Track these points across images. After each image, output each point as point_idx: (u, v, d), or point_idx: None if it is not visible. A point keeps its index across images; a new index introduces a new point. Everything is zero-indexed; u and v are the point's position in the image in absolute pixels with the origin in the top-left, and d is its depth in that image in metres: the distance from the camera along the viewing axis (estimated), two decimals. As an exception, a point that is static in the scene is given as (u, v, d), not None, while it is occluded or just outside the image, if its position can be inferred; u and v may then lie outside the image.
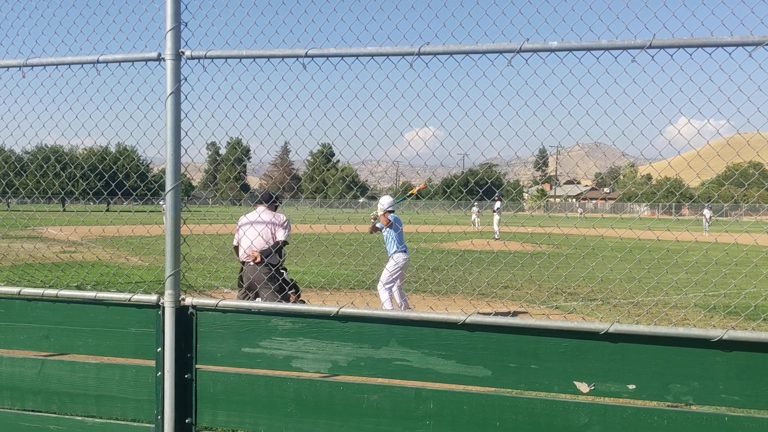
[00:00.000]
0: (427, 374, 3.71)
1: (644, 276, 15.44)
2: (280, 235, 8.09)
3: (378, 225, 10.52)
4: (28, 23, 4.67)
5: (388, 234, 10.43)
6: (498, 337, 3.62)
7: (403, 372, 3.75)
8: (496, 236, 30.79)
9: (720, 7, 3.46)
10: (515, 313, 11.06)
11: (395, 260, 10.31)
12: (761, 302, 12.31)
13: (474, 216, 42.80)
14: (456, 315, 3.66)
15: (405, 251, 10.44)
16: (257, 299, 7.99)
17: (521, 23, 3.60)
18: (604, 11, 3.46)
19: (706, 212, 42.89)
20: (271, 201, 8.43)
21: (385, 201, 10.44)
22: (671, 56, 3.48)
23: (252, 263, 8.00)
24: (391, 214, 10.30)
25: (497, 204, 32.67)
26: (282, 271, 8.17)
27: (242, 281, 8.22)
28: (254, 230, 8.06)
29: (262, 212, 8.30)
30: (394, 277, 10.30)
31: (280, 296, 7.76)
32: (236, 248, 8.41)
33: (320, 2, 3.92)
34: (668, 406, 3.52)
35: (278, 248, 8.07)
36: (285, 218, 8.27)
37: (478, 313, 3.75)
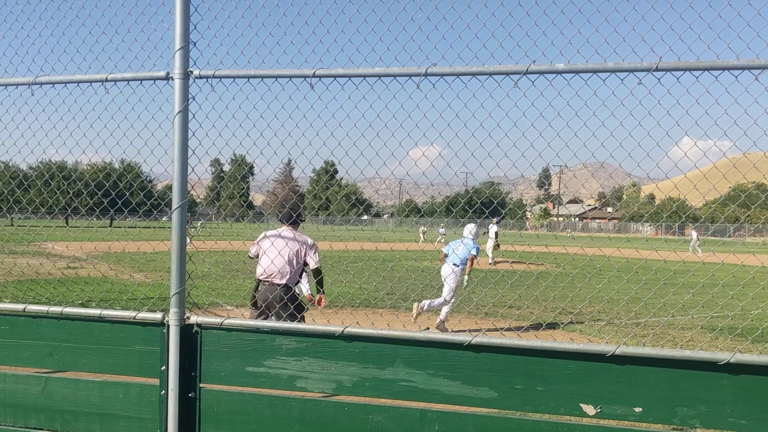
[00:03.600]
0: (432, 395, 3.69)
1: (650, 297, 15.37)
2: (312, 262, 7.74)
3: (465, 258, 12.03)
4: (38, 41, 4.72)
5: (454, 251, 11.97)
6: (504, 358, 3.60)
7: (408, 393, 3.73)
8: (490, 261, 29.25)
9: (726, 30, 3.47)
10: (529, 328, 11.01)
11: (456, 274, 11.82)
12: (768, 325, 12.23)
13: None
14: (461, 336, 3.64)
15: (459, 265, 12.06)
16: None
17: (528, 45, 3.62)
18: (611, 34, 3.47)
19: (694, 233, 43.46)
20: (294, 219, 8.04)
21: (472, 228, 12.34)
22: (677, 79, 3.49)
23: (271, 284, 7.61)
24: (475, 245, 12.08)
25: (494, 228, 30.78)
26: (296, 294, 7.82)
27: (257, 300, 7.77)
28: (277, 249, 7.61)
29: (286, 231, 7.92)
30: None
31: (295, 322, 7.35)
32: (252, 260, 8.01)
33: (328, 23, 3.95)
34: (674, 429, 3.50)
35: (302, 272, 7.75)
36: (312, 241, 7.90)
37: (484, 333, 3.73)
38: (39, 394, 4.29)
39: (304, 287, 9.63)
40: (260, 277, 7.71)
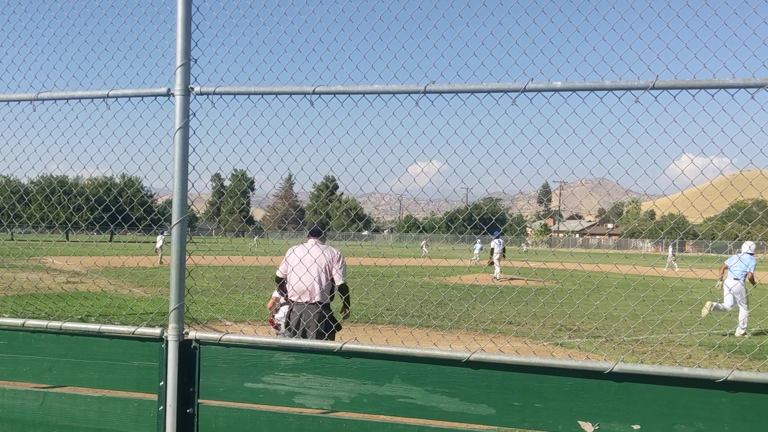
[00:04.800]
0: (430, 412, 3.69)
1: (649, 314, 15.35)
2: (338, 277, 7.43)
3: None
4: (40, 58, 4.76)
5: (733, 265, 13.95)
6: (502, 375, 3.60)
7: (406, 409, 3.72)
8: (496, 277, 28.93)
9: (722, 50, 3.51)
10: (527, 344, 10.97)
11: (739, 287, 13.80)
12: (767, 342, 12.21)
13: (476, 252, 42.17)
14: (460, 352, 3.65)
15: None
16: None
17: (526, 63, 3.65)
18: (608, 52, 3.51)
19: (670, 249, 43.71)
20: (320, 232, 7.77)
21: (751, 245, 14.19)
22: (674, 97, 3.52)
23: (304, 303, 7.33)
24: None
25: (493, 243, 30.44)
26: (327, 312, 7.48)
27: (289, 320, 7.49)
28: (305, 267, 7.30)
29: (312, 246, 7.57)
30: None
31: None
32: (278, 280, 7.70)
33: (328, 40, 3.99)
34: (673, 447, 3.48)
35: (332, 288, 7.47)
36: (339, 254, 7.57)
37: (482, 349, 3.74)
38: (37, 410, 4.28)
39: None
40: (291, 298, 7.42)
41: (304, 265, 7.27)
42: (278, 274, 7.62)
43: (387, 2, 3.86)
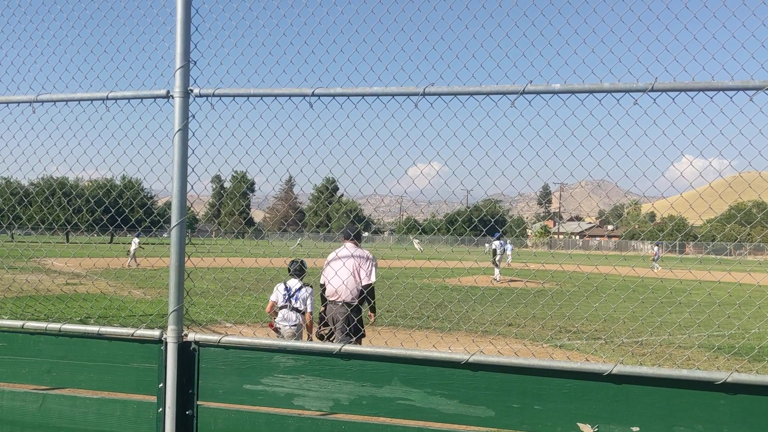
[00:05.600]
0: (429, 414, 3.69)
1: (648, 316, 15.35)
2: (366, 277, 7.87)
3: None
4: (39, 60, 4.76)
5: None
6: (501, 377, 3.60)
7: (405, 411, 3.72)
8: (497, 279, 28.86)
9: (721, 52, 3.52)
10: (526, 346, 11.01)
11: None
12: (766, 344, 12.22)
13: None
14: (459, 354, 3.65)
15: None
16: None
17: (525, 65, 3.66)
18: (607, 54, 3.51)
19: (656, 249, 43.73)
20: (354, 235, 8.20)
21: None
22: (673, 99, 3.52)
23: (340, 304, 7.75)
24: None
25: (495, 244, 30.15)
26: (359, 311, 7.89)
27: (326, 320, 7.91)
28: (346, 269, 7.82)
29: (347, 249, 8.03)
30: None
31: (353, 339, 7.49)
32: (322, 286, 8.11)
33: (327, 43, 3.99)
34: (672, 449, 3.48)
35: (370, 289, 7.86)
36: (370, 255, 8.01)
37: (481, 351, 3.74)
38: (36, 412, 4.28)
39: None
40: (329, 297, 7.85)
41: (345, 267, 7.80)
42: (321, 281, 8.07)
43: (386, 4, 3.86)
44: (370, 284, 7.83)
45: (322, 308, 8.07)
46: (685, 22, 3.59)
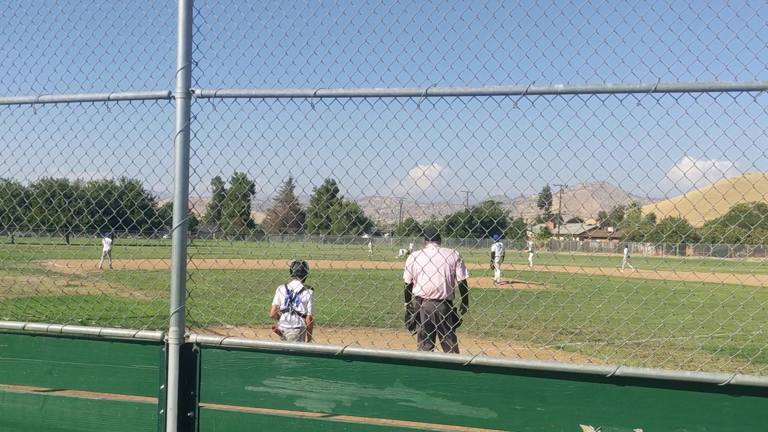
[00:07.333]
0: (432, 415, 3.67)
1: (651, 318, 15.33)
2: (460, 274, 8.35)
3: None
4: (41, 61, 4.75)
5: None
6: (504, 378, 3.59)
7: (407, 413, 3.71)
8: (497, 280, 28.71)
9: (724, 52, 3.50)
10: (529, 347, 11.00)
11: None
12: (769, 345, 12.18)
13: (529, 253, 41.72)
14: (461, 356, 3.63)
15: None
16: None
17: (527, 66, 3.65)
18: (610, 55, 3.50)
19: (625, 250, 44.14)
20: (437, 236, 8.69)
21: None
22: (676, 100, 3.51)
23: (431, 300, 8.17)
24: None
25: (494, 246, 29.81)
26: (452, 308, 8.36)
27: (419, 318, 8.27)
28: (433, 267, 8.24)
29: (431, 249, 8.49)
30: None
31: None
32: (409, 287, 8.52)
33: (329, 43, 3.98)
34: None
35: (460, 287, 8.37)
36: (458, 254, 8.50)
37: (484, 353, 3.73)
38: (37, 413, 4.27)
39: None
40: (419, 295, 8.30)
41: (435, 265, 8.18)
42: (406, 280, 8.50)
43: (388, 5, 3.86)
44: (465, 279, 8.34)
45: (407, 304, 8.58)
46: (688, 22, 3.58)
